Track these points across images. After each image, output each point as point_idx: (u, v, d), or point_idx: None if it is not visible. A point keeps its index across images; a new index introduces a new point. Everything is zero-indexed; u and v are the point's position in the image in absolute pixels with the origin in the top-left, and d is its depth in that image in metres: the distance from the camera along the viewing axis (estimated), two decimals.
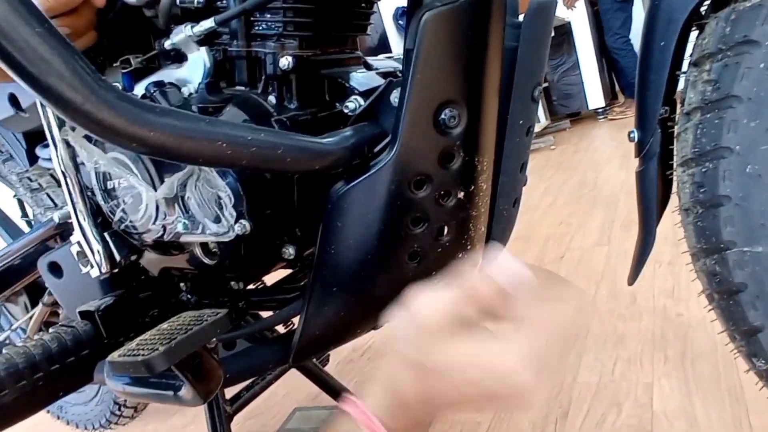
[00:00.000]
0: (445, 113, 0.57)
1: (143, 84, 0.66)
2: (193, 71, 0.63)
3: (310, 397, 1.36)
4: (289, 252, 0.64)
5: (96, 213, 0.67)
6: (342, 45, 0.70)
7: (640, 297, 1.40)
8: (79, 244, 0.66)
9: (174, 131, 0.41)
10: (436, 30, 0.54)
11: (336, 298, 0.63)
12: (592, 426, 0.98)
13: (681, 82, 0.58)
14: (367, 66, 0.74)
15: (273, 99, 0.63)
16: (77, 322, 0.60)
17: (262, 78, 0.64)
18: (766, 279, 0.53)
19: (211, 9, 0.64)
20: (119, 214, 0.66)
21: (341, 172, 0.59)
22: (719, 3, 0.54)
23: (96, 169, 0.64)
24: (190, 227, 0.60)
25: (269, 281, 0.92)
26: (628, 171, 2.70)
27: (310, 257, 0.68)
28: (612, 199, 2.31)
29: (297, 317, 0.70)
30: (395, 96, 0.60)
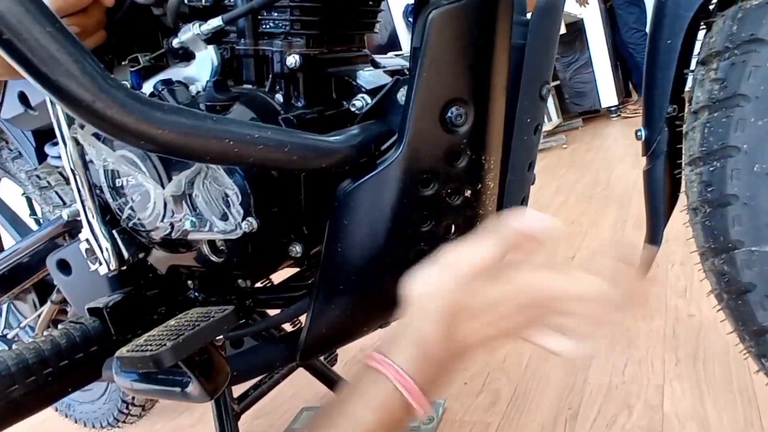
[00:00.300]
0: (452, 111, 0.57)
1: (152, 82, 0.66)
2: (201, 69, 0.63)
3: (317, 397, 1.36)
4: (296, 250, 0.64)
5: (104, 211, 0.68)
6: (349, 43, 0.70)
7: (651, 297, 1.39)
8: (88, 241, 0.67)
9: (182, 129, 0.41)
10: (442, 28, 0.54)
11: (343, 296, 0.63)
12: (602, 427, 0.98)
13: (689, 80, 0.57)
14: (374, 64, 0.74)
15: (280, 97, 0.63)
16: (86, 318, 0.61)
17: (269, 76, 0.64)
18: None
19: (219, 7, 0.64)
20: (127, 211, 0.66)
21: (348, 170, 0.60)
22: (726, 1, 0.53)
23: (105, 167, 0.64)
24: (197, 225, 0.60)
25: (275, 279, 0.93)
26: (641, 170, 2.68)
27: (317, 255, 0.68)
28: (625, 199, 2.29)
29: (303, 315, 0.71)
30: (402, 94, 0.60)
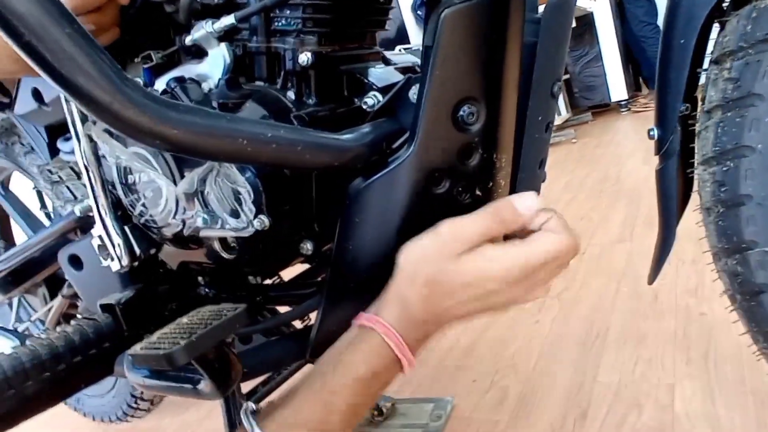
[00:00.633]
0: (464, 110, 0.57)
1: (164, 79, 0.66)
2: (213, 67, 0.63)
3: None
4: (307, 247, 0.64)
5: (116, 207, 0.68)
6: (360, 40, 0.69)
7: (662, 296, 1.38)
8: (100, 237, 0.67)
9: (196, 129, 0.42)
10: (455, 27, 0.54)
11: (353, 293, 0.63)
12: (611, 427, 0.97)
13: (701, 79, 0.57)
14: (386, 61, 0.74)
15: (292, 95, 0.63)
16: (99, 314, 0.61)
17: (281, 74, 0.64)
18: None
19: (231, 5, 0.64)
20: (139, 208, 0.66)
21: (360, 168, 0.59)
22: (740, 0, 0.52)
23: (117, 164, 0.65)
24: (209, 222, 0.60)
25: (284, 276, 0.93)
26: (651, 165, 2.63)
27: (327, 253, 0.68)
28: (635, 195, 2.27)
29: (313, 313, 0.71)
30: (414, 92, 0.60)
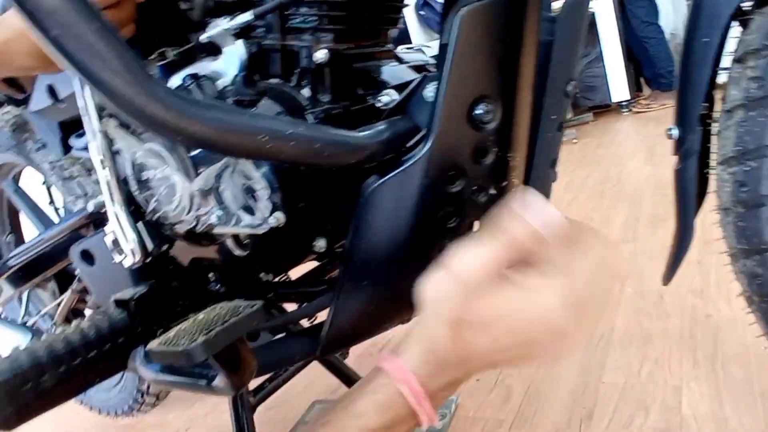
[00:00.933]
0: (480, 108, 0.57)
1: (179, 76, 0.66)
2: (229, 64, 0.63)
3: (329, 390, 1.36)
4: (320, 245, 0.64)
5: (130, 203, 0.68)
6: (374, 38, 0.69)
7: (667, 296, 1.38)
8: (114, 233, 0.67)
9: (218, 124, 0.42)
10: (472, 25, 0.54)
11: (366, 291, 0.63)
12: (618, 428, 0.97)
13: (721, 78, 0.57)
14: (398, 59, 0.74)
15: (306, 92, 0.63)
16: (113, 309, 0.61)
17: (296, 71, 0.64)
18: None
19: (246, 2, 0.64)
20: (153, 204, 0.66)
21: (374, 165, 0.59)
22: None
23: (132, 160, 0.65)
24: (223, 219, 0.60)
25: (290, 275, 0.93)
26: (653, 166, 2.66)
27: (340, 250, 0.68)
28: (637, 195, 2.27)
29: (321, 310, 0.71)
30: (429, 90, 0.59)
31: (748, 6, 0.53)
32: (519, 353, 0.45)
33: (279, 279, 0.77)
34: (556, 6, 0.70)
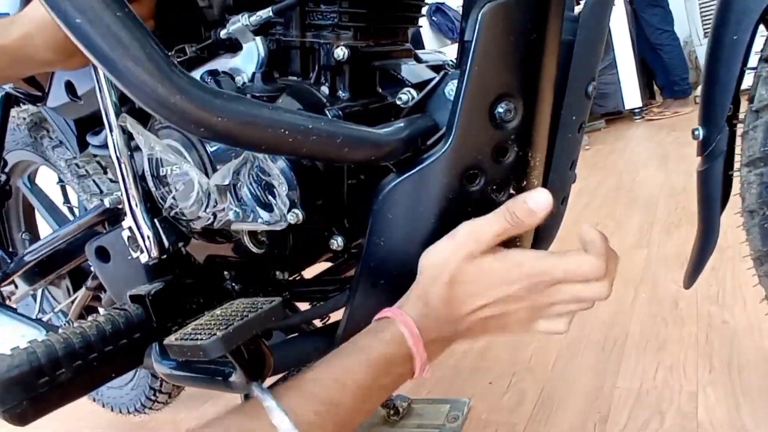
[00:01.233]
0: (501, 107, 0.56)
1: (197, 73, 0.66)
2: (248, 60, 0.63)
3: None
4: (338, 243, 0.64)
5: (146, 199, 0.68)
6: (394, 37, 0.69)
7: (682, 302, 1.37)
8: (131, 229, 0.67)
9: (240, 118, 0.41)
10: (495, 22, 0.53)
11: (383, 290, 0.62)
12: None
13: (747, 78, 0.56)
14: (417, 58, 0.74)
15: (326, 89, 0.63)
16: (129, 305, 0.61)
17: (315, 68, 0.64)
18: None
19: None
20: (170, 200, 0.66)
21: (392, 163, 0.59)
22: None
23: (149, 156, 0.65)
24: (241, 215, 0.60)
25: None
26: (667, 173, 2.64)
27: (356, 249, 0.68)
28: (650, 202, 2.25)
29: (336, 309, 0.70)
30: (450, 88, 0.59)
31: None
32: (497, 317, 0.55)
33: (293, 278, 0.77)
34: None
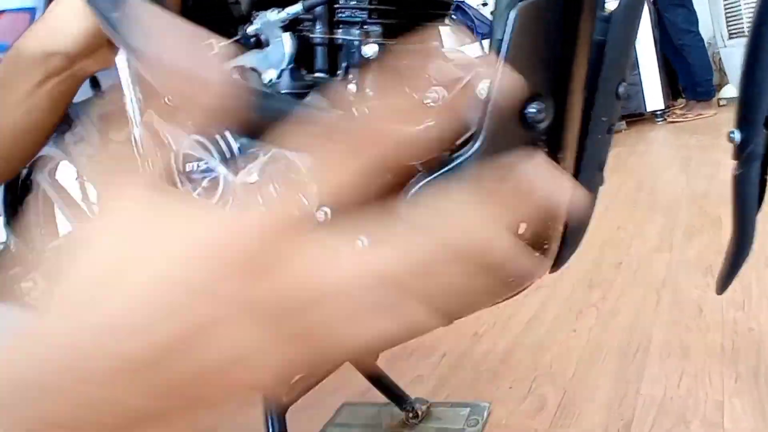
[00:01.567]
0: (533, 107, 0.55)
1: None
2: (275, 57, 0.62)
3: (359, 392, 1.35)
4: (363, 244, 0.63)
5: None
6: (424, 34, 0.68)
7: (706, 309, 1.35)
8: None
9: (274, 114, 0.41)
10: (528, 21, 0.53)
11: None
12: None
13: None
14: (444, 57, 0.73)
15: (353, 87, 0.62)
16: None
17: (342, 65, 0.63)
18: None
19: None
20: (194, 197, 0.66)
21: (420, 163, 0.58)
22: None
23: (176, 151, 0.64)
24: None
25: None
26: (688, 177, 2.61)
27: None
28: (672, 206, 2.22)
29: None
30: (481, 88, 0.58)
31: None
32: None
33: None
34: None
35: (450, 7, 0.72)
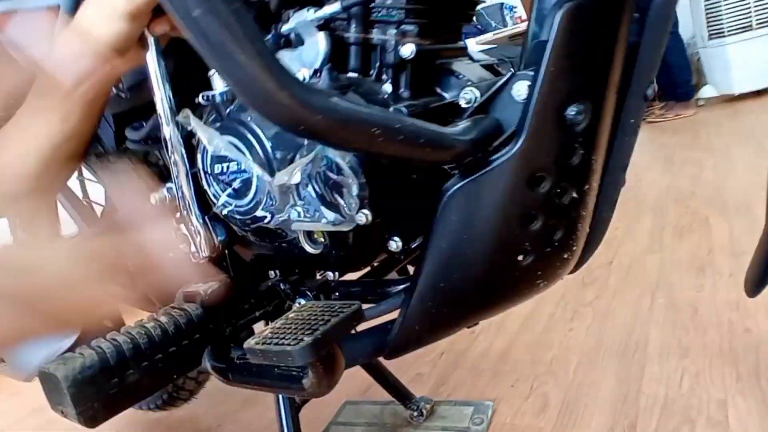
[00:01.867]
0: (573, 109, 0.56)
1: None
2: (310, 56, 0.62)
3: (361, 390, 1.35)
4: (397, 244, 0.63)
5: (199, 196, 0.67)
6: (452, 34, 0.68)
7: (702, 309, 1.37)
8: (183, 227, 0.66)
9: (336, 115, 0.40)
10: (574, 22, 0.53)
11: (442, 293, 0.62)
12: None
13: None
14: (470, 58, 0.73)
15: (388, 87, 0.62)
16: (187, 305, 0.60)
17: (376, 65, 0.63)
18: None
19: None
20: (224, 198, 0.65)
21: (457, 165, 0.58)
22: None
23: (207, 152, 0.63)
24: (302, 215, 0.59)
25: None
26: (672, 176, 2.65)
27: (413, 251, 0.67)
28: (659, 205, 2.25)
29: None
30: (518, 89, 0.58)
31: None
32: None
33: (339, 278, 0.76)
34: None
35: (476, 7, 0.71)
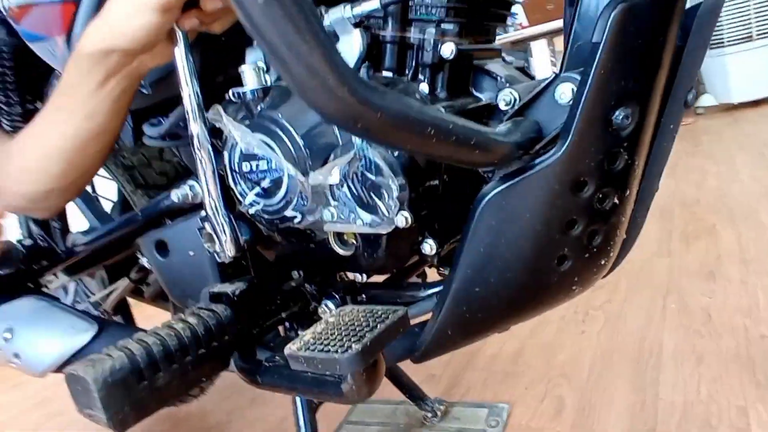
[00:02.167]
0: (620, 112, 0.54)
1: None
2: (345, 53, 0.60)
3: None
4: (430, 247, 0.61)
5: (225, 194, 0.65)
6: (488, 35, 0.67)
7: (714, 315, 1.36)
8: (208, 225, 0.64)
9: (394, 114, 0.39)
10: (626, 24, 0.51)
11: (477, 298, 0.60)
12: None
13: None
14: (503, 59, 0.71)
15: (424, 87, 0.60)
16: (216, 306, 0.58)
17: (412, 65, 0.61)
18: None
19: None
20: (251, 197, 0.63)
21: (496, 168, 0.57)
22: None
23: (236, 151, 0.61)
24: (336, 216, 0.57)
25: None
26: (677, 181, 2.64)
27: (447, 254, 0.65)
28: (665, 210, 2.25)
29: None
30: (561, 92, 0.57)
31: None
32: None
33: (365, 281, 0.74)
34: None
35: (510, 8, 0.70)
